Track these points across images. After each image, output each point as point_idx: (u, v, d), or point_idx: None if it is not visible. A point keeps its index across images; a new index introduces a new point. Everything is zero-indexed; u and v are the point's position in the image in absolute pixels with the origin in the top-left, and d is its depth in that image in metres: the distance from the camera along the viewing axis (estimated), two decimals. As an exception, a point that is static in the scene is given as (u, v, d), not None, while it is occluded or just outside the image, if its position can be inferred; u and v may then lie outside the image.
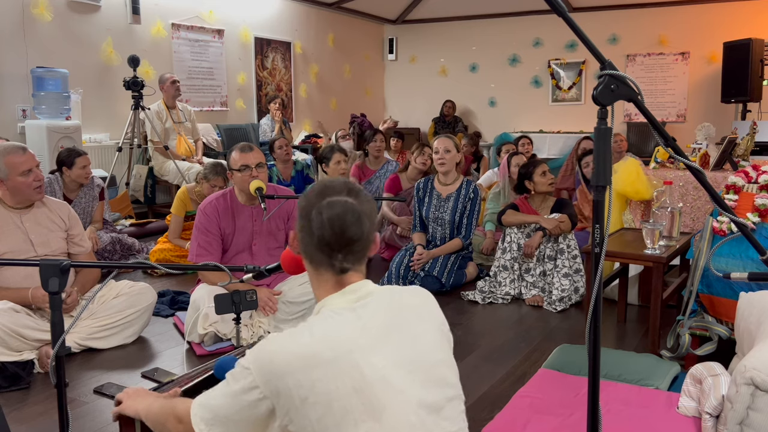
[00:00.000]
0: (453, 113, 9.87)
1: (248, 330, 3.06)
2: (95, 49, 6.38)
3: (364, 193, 1.39)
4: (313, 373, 1.21)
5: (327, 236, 1.31)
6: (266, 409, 1.24)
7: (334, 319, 1.29)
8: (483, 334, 3.35)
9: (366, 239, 1.35)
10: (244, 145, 3.27)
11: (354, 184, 1.41)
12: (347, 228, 1.31)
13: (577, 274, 3.81)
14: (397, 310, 1.35)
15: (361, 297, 1.34)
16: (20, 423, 2.38)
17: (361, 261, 1.37)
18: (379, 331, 1.29)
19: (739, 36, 7.90)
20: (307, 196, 1.37)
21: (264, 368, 1.23)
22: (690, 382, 2.11)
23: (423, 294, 1.44)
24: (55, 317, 1.59)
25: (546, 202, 4.09)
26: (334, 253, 1.33)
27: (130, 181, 6.34)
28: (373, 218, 1.38)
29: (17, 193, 2.90)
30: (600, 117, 1.26)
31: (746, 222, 2.73)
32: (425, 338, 1.34)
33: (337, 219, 1.31)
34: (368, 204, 1.37)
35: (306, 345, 1.24)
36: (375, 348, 1.26)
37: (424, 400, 1.28)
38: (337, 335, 1.26)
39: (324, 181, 1.40)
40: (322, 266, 1.36)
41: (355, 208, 1.33)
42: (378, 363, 1.25)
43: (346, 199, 1.33)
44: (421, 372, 1.30)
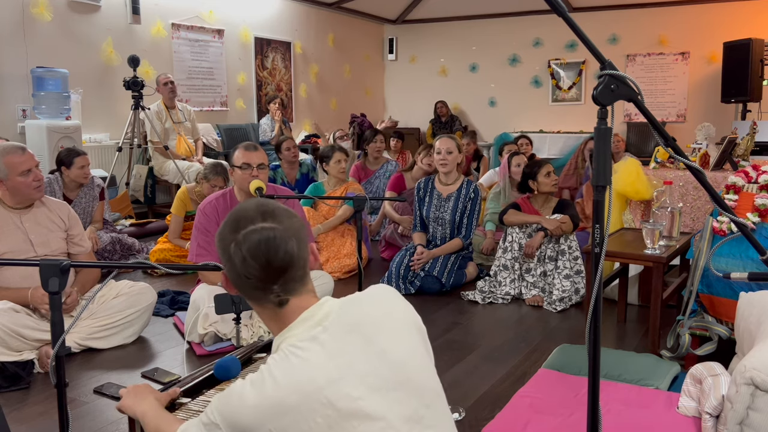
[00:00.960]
0: (447, 113, 9.86)
1: (248, 330, 3.06)
2: (95, 49, 6.38)
3: (281, 211, 1.27)
4: (283, 420, 1.16)
5: (253, 272, 1.22)
6: None
7: (296, 356, 1.19)
8: (483, 334, 3.35)
9: (298, 261, 1.25)
10: (249, 144, 3.30)
11: (266, 204, 1.29)
12: (272, 258, 1.21)
13: (578, 275, 3.81)
14: (362, 325, 1.25)
15: (319, 321, 1.24)
16: (20, 423, 2.38)
17: (302, 283, 1.27)
18: (346, 356, 1.21)
19: (739, 36, 7.90)
20: (222, 233, 1.27)
21: (231, 424, 1.20)
22: (690, 382, 2.11)
23: (383, 294, 1.34)
24: (55, 317, 1.59)
25: (548, 202, 4.09)
26: (268, 285, 1.23)
27: (130, 181, 6.34)
28: (300, 234, 1.27)
29: (17, 193, 2.90)
30: (600, 117, 1.26)
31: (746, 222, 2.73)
32: (398, 345, 1.26)
33: (258, 251, 1.21)
34: (290, 222, 1.26)
35: (270, 394, 1.17)
36: (345, 376, 1.19)
37: (404, 415, 1.22)
38: (302, 376, 1.17)
39: (234, 211, 1.29)
40: (260, 301, 1.27)
41: (276, 233, 1.22)
42: (352, 392, 1.18)
43: (262, 225, 1.23)
44: (398, 387, 1.23)
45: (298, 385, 1.17)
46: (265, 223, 1.23)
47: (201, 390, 1.78)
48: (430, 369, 1.32)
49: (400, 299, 1.35)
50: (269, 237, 1.22)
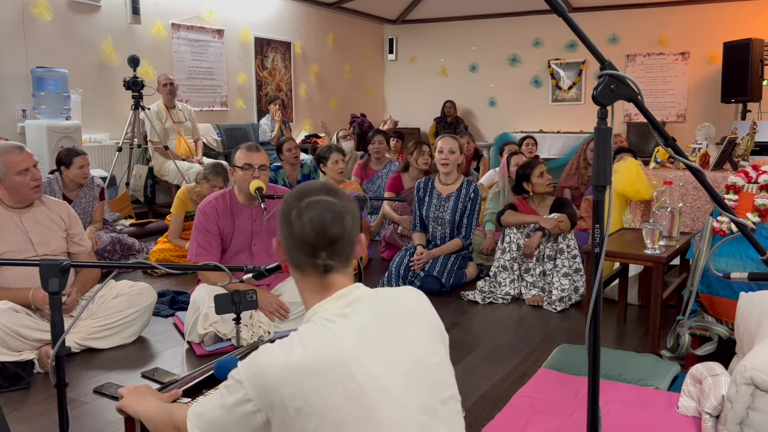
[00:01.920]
0: (455, 114, 9.86)
1: (248, 330, 3.06)
2: (95, 49, 6.38)
3: (343, 193, 1.38)
4: (306, 383, 1.20)
5: (308, 236, 1.30)
6: (261, 421, 1.24)
7: (326, 327, 1.26)
8: (483, 334, 3.35)
9: (348, 237, 1.33)
10: (251, 144, 3.30)
11: (332, 185, 1.40)
12: (328, 226, 1.30)
13: (577, 273, 3.81)
14: (389, 314, 1.32)
15: (351, 302, 1.31)
16: (20, 423, 2.38)
17: (345, 261, 1.34)
18: (373, 337, 1.27)
19: (739, 36, 7.90)
20: (286, 200, 1.36)
21: (256, 382, 1.23)
22: (690, 382, 2.11)
23: (415, 295, 1.41)
24: (55, 317, 1.59)
25: (545, 201, 4.09)
26: (317, 251, 1.31)
27: (130, 181, 6.34)
28: (355, 217, 1.35)
29: (15, 192, 2.90)
30: (600, 117, 1.26)
31: (746, 222, 2.73)
32: (419, 341, 1.32)
33: (317, 218, 1.30)
34: (349, 202, 1.35)
35: (298, 357, 1.22)
36: (369, 355, 1.24)
37: (421, 404, 1.27)
38: (330, 344, 1.23)
39: (301, 185, 1.38)
40: (307, 268, 1.34)
41: (336, 207, 1.31)
42: (374, 371, 1.23)
43: (326, 198, 1.32)
44: (417, 376, 1.28)
45: (325, 352, 1.22)
46: (328, 197, 1.33)
47: (201, 390, 1.78)
48: (449, 371, 1.38)
49: (428, 303, 1.41)
50: (330, 208, 1.31)
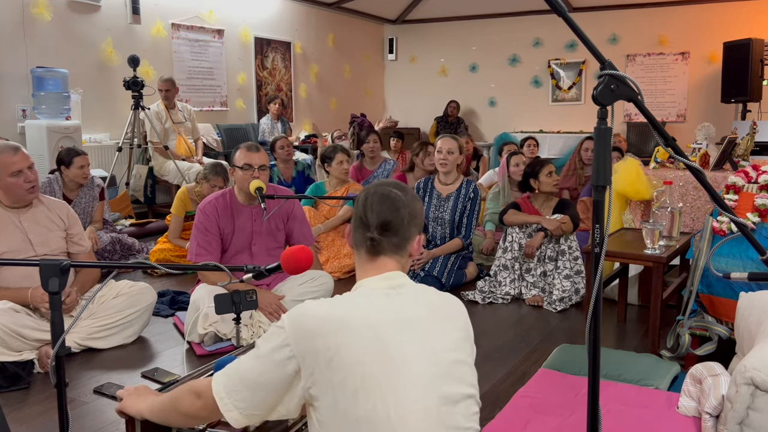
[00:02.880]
0: (457, 114, 9.86)
1: (248, 330, 3.06)
2: (95, 49, 6.38)
3: (412, 193, 1.51)
4: (341, 336, 1.27)
5: (366, 214, 1.44)
6: (293, 370, 1.29)
7: (368, 295, 1.38)
8: (483, 334, 3.35)
9: (401, 225, 1.44)
10: (251, 144, 3.29)
11: (405, 185, 1.53)
12: (384, 211, 1.43)
13: (578, 275, 3.81)
14: (429, 306, 1.41)
15: (396, 286, 1.41)
16: (20, 423, 2.38)
17: (395, 248, 1.44)
18: (408, 319, 1.35)
19: (739, 36, 7.89)
20: (366, 187, 1.51)
21: (297, 327, 1.30)
22: (690, 382, 2.11)
23: (455, 301, 1.49)
24: (55, 317, 1.59)
25: (548, 202, 4.09)
26: (370, 228, 1.43)
27: (130, 181, 6.34)
28: (415, 214, 1.46)
29: (10, 193, 2.90)
30: (600, 117, 1.26)
31: (746, 222, 2.73)
32: (451, 337, 1.39)
33: (377, 202, 1.44)
34: (413, 200, 1.48)
35: (337, 310, 1.32)
36: (403, 331, 1.32)
37: (442, 390, 1.32)
38: (369, 308, 1.34)
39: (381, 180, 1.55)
40: (360, 245, 1.46)
41: (398, 197, 1.45)
42: (403, 345, 1.31)
43: (392, 189, 1.46)
44: (443, 365, 1.35)
45: (365, 312, 1.33)
46: (396, 189, 1.48)
47: (201, 390, 1.78)
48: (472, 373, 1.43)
49: (466, 315, 1.49)
50: (392, 197, 1.45)
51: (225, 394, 1.34)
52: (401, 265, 1.47)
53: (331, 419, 1.27)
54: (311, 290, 3.26)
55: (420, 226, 1.51)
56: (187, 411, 1.45)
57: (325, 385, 1.27)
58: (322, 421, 1.29)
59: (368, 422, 1.26)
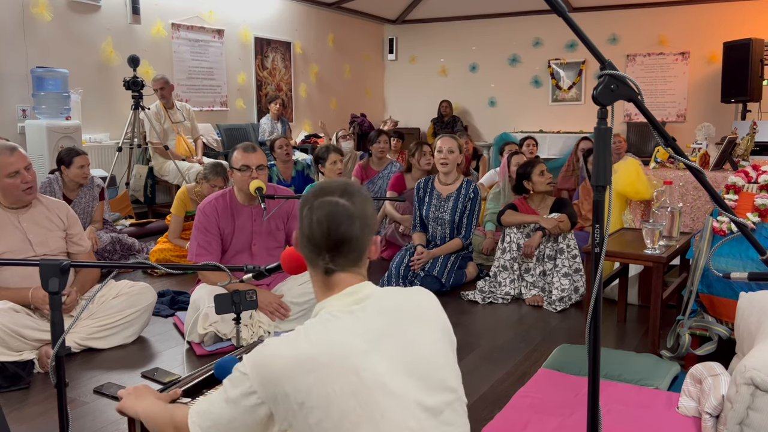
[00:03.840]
0: (451, 113, 9.86)
1: (248, 330, 3.06)
2: (95, 49, 6.38)
3: (361, 195, 1.37)
4: (310, 377, 1.20)
5: (315, 235, 1.32)
6: (264, 414, 1.24)
7: (331, 322, 1.27)
8: (483, 334, 3.35)
9: (356, 241, 1.33)
10: (247, 145, 3.28)
11: (353, 185, 1.40)
12: (334, 229, 1.31)
13: (577, 273, 3.81)
14: (397, 313, 1.33)
15: (359, 299, 1.32)
16: (20, 423, 2.38)
17: (352, 263, 1.35)
18: (378, 334, 1.28)
19: (739, 36, 7.89)
20: (305, 197, 1.39)
21: (261, 373, 1.23)
22: (690, 382, 2.11)
23: (425, 296, 1.41)
24: (55, 317, 1.59)
25: (545, 201, 4.09)
26: (321, 252, 1.33)
27: (130, 181, 6.34)
28: (368, 221, 1.35)
29: (7, 194, 2.90)
30: (600, 117, 1.26)
31: (746, 222, 2.73)
32: (426, 342, 1.33)
33: (324, 219, 1.31)
34: (363, 205, 1.35)
35: (302, 350, 1.23)
36: (374, 352, 1.25)
37: (424, 403, 1.27)
38: (335, 339, 1.24)
39: (323, 181, 1.41)
40: (313, 264, 1.36)
41: (347, 209, 1.32)
42: (377, 367, 1.24)
43: (338, 199, 1.33)
44: (421, 376, 1.29)
45: (330, 346, 1.23)
46: (342, 198, 1.33)
47: (201, 390, 1.78)
48: (455, 373, 1.37)
49: (438, 306, 1.42)
50: (338, 211, 1.32)
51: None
52: (361, 275, 1.38)
53: None
54: (311, 290, 3.24)
55: (374, 229, 1.40)
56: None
57: (302, 426, 1.21)
58: None
59: None
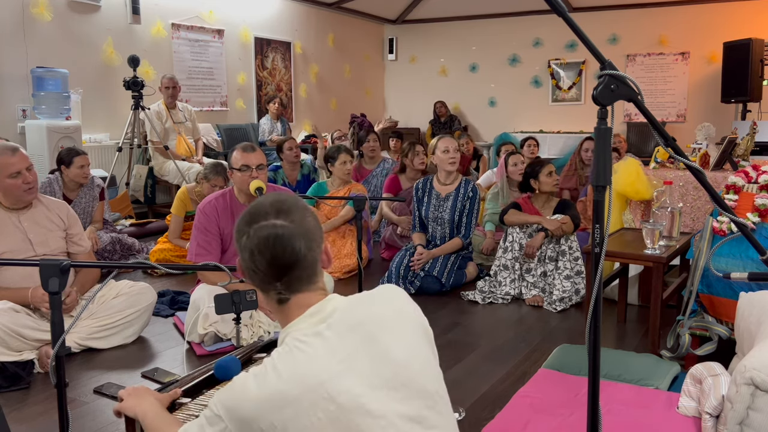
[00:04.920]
0: (446, 113, 9.86)
1: (248, 330, 3.06)
2: (95, 49, 6.38)
3: (297, 209, 1.28)
4: (284, 412, 1.16)
5: (260, 267, 1.25)
6: None
7: (300, 350, 1.21)
8: (483, 334, 3.35)
9: (304, 261, 1.25)
10: (246, 145, 3.28)
11: (285, 201, 1.30)
12: (278, 255, 1.23)
13: (579, 276, 3.81)
14: (366, 325, 1.26)
15: (324, 318, 1.26)
16: (20, 423, 2.38)
17: (306, 283, 1.28)
18: (350, 353, 1.22)
19: (739, 36, 7.89)
20: (238, 225, 1.30)
21: (234, 415, 1.20)
22: (690, 382, 2.11)
23: (392, 297, 1.34)
24: (55, 317, 1.59)
25: (549, 202, 4.09)
26: (271, 281, 1.26)
27: (130, 181, 6.34)
28: (312, 235, 1.27)
29: (8, 194, 2.90)
30: (600, 117, 1.26)
31: (746, 222, 2.73)
32: (399, 348, 1.26)
33: (265, 248, 1.23)
34: (302, 220, 1.27)
35: (272, 386, 1.18)
36: (347, 372, 1.20)
37: (407, 415, 1.23)
38: (304, 370, 1.19)
39: (252, 205, 1.31)
40: (265, 293, 1.30)
41: (285, 231, 1.24)
42: (353, 389, 1.19)
43: (274, 222, 1.24)
44: (400, 386, 1.23)
45: (300, 377, 1.18)
46: (277, 219, 1.25)
47: (201, 390, 1.78)
48: (434, 371, 1.32)
49: (408, 301, 1.35)
50: (277, 234, 1.23)
51: None
52: (320, 289, 1.31)
53: None
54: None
55: (319, 238, 1.30)
56: None
57: None
58: None
59: None
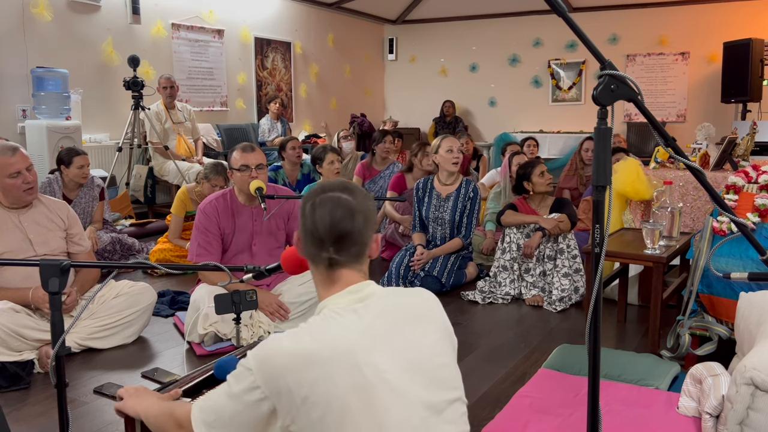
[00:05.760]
0: (453, 113, 9.86)
1: (248, 330, 3.06)
2: (95, 49, 6.38)
3: (361, 192, 1.40)
4: (312, 372, 1.21)
5: (318, 229, 1.34)
6: (267, 409, 1.25)
7: (335, 319, 1.29)
8: (483, 334, 3.35)
9: (358, 235, 1.35)
10: (246, 145, 3.28)
11: (352, 184, 1.43)
12: (337, 222, 1.33)
13: (577, 273, 3.81)
14: (400, 312, 1.34)
15: (363, 298, 1.34)
16: (20, 423, 2.38)
17: (355, 258, 1.37)
18: (381, 332, 1.29)
19: (739, 36, 7.90)
20: (306, 194, 1.41)
21: (265, 368, 1.24)
22: (690, 382, 2.11)
23: (427, 297, 1.43)
24: (55, 317, 1.59)
25: (545, 201, 4.09)
26: (325, 245, 1.34)
27: (130, 181, 6.34)
28: (369, 216, 1.38)
29: (8, 194, 2.90)
30: (600, 117, 1.26)
31: (746, 222, 2.73)
32: (428, 341, 1.34)
33: (328, 213, 1.34)
34: (364, 201, 1.38)
35: (305, 345, 1.24)
36: (377, 349, 1.26)
37: (426, 401, 1.28)
38: (338, 335, 1.25)
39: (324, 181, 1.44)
40: (316, 261, 1.37)
41: (349, 204, 1.34)
42: (380, 364, 1.25)
43: (340, 195, 1.36)
44: (424, 374, 1.30)
45: (332, 342, 1.24)
46: (343, 194, 1.37)
47: (201, 390, 1.78)
48: (455, 374, 1.38)
49: (440, 307, 1.43)
50: (341, 203, 1.35)
51: (204, 428, 1.32)
52: (363, 272, 1.39)
53: None
54: (311, 290, 3.25)
55: (374, 225, 1.43)
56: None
57: (304, 421, 1.22)
58: None
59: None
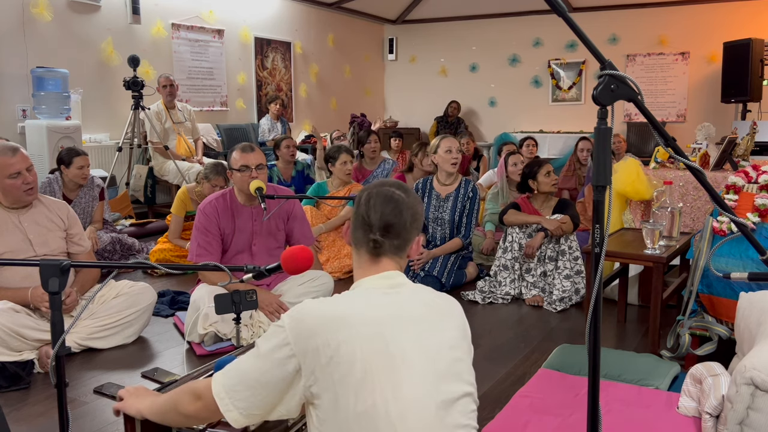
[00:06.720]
0: (457, 114, 9.85)
1: (248, 330, 3.06)
2: (95, 49, 6.38)
3: (414, 194, 1.53)
4: (341, 333, 1.29)
5: (369, 216, 1.46)
6: (293, 368, 1.30)
7: (368, 294, 1.40)
8: (483, 334, 3.35)
9: (403, 228, 1.46)
10: (245, 145, 3.27)
11: (405, 185, 1.55)
12: (388, 212, 1.45)
13: (579, 275, 3.81)
14: (426, 305, 1.42)
15: (394, 285, 1.43)
16: (20, 423, 2.38)
17: (396, 250, 1.47)
18: (408, 318, 1.37)
19: (739, 36, 7.89)
20: (365, 187, 1.54)
21: (297, 326, 1.31)
22: (690, 382, 2.11)
23: (452, 300, 1.51)
24: (55, 317, 1.59)
25: (548, 202, 4.09)
26: (372, 229, 1.45)
27: (130, 181, 6.34)
28: (416, 216, 1.49)
29: (8, 194, 2.90)
30: (600, 117, 1.26)
31: (746, 222, 2.73)
32: (448, 335, 1.41)
33: (381, 203, 1.46)
34: (415, 202, 1.51)
35: (339, 309, 1.33)
36: (402, 330, 1.34)
37: (441, 388, 1.34)
38: (369, 308, 1.35)
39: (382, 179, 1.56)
40: (361, 245, 1.47)
41: (401, 199, 1.47)
42: (404, 343, 1.33)
43: (394, 190, 1.48)
44: (442, 363, 1.36)
45: (363, 310, 1.34)
46: (398, 190, 1.49)
47: (201, 390, 1.78)
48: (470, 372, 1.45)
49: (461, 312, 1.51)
50: (393, 197, 1.47)
51: (225, 394, 1.34)
52: (400, 265, 1.50)
53: (331, 417, 1.28)
54: (311, 290, 3.26)
55: (420, 227, 1.54)
56: (187, 411, 1.45)
57: (326, 382, 1.28)
58: (323, 419, 1.29)
59: (367, 418, 1.27)
